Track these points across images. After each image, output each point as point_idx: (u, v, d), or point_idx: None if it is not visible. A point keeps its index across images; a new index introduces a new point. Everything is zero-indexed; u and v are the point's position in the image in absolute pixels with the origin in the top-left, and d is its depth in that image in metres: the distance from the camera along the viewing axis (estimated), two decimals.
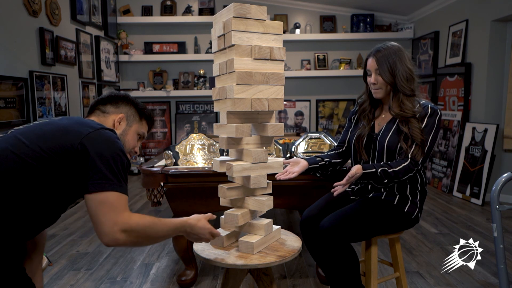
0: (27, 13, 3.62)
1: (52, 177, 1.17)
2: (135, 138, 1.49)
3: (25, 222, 1.18)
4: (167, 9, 5.87)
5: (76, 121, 1.29)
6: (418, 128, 1.75)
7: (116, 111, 1.46)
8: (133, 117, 1.49)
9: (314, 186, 2.24)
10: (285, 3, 5.90)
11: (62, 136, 1.20)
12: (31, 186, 1.15)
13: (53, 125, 1.26)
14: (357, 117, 1.99)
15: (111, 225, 1.12)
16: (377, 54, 1.81)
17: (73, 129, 1.23)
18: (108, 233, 1.12)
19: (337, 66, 5.90)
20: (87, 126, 1.25)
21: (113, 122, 1.44)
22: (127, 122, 1.47)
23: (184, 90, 5.88)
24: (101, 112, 1.45)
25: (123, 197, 1.17)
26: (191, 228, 1.35)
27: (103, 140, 1.21)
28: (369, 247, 1.84)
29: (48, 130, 1.23)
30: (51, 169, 1.17)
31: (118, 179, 1.18)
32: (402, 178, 1.75)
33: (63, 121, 1.28)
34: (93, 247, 3.00)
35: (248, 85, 1.40)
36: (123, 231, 1.14)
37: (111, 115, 1.45)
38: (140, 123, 1.52)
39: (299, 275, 2.50)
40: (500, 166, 4.20)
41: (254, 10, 1.40)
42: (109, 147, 1.20)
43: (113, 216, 1.13)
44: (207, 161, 2.36)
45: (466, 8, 4.58)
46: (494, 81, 4.26)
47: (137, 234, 1.17)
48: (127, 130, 1.46)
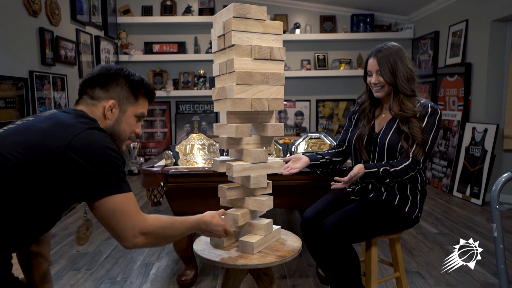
0: (27, 13, 3.62)
1: (36, 186, 1.09)
2: (133, 121, 1.33)
3: (15, 232, 1.12)
4: (167, 9, 5.87)
5: (58, 121, 1.16)
6: (418, 128, 1.75)
7: (106, 97, 1.27)
8: (127, 100, 1.30)
9: (314, 186, 2.24)
10: (285, 3, 5.90)
11: (42, 143, 1.09)
12: (16, 196, 1.07)
13: (33, 130, 1.13)
14: (357, 116, 1.99)
15: (129, 230, 1.10)
16: (378, 54, 1.80)
17: (54, 135, 1.11)
18: (127, 238, 1.11)
19: (337, 66, 5.90)
20: (69, 128, 1.12)
21: (103, 111, 1.27)
22: (119, 108, 1.29)
23: (184, 90, 5.88)
24: (90, 98, 1.28)
25: (130, 197, 1.14)
26: (206, 225, 1.35)
27: (89, 143, 1.10)
28: (369, 247, 1.84)
29: (28, 137, 1.11)
30: (34, 178, 1.08)
31: (117, 179, 1.12)
32: (403, 178, 1.75)
33: (43, 125, 1.15)
34: (93, 247, 3.00)
35: (248, 85, 1.40)
36: (141, 234, 1.12)
37: (101, 102, 1.27)
38: (137, 104, 1.32)
39: (299, 275, 2.50)
40: (500, 166, 4.20)
41: (254, 10, 1.40)
42: (96, 150, 1.10)
43: (128, 221, 1.10)
44: (207, 161, 2.35)
45: (466, 8, 4.58)
46: (494, 81, 4.26)
47: (156, 235, 1.16)
48: (121, 117, 1.29)
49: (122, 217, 1.10)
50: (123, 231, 1.10)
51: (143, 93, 1.33)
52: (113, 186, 1.11)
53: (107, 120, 1.28)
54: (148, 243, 1.15)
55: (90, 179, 1.09)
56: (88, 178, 1.09)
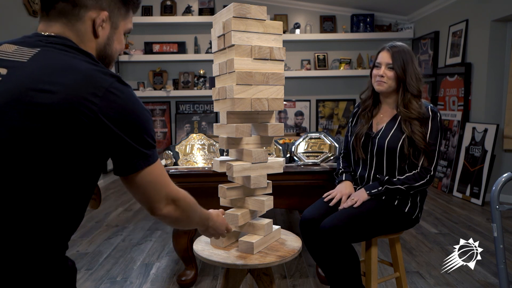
0: (27, 13, 3.62)
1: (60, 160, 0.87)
2: (122, 39, 1.07)
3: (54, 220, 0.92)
4: (167, 9, 5.87)
5: (67, 67, 0.87)
6: (420, 132, 1.77)
7: (94, 5, 0.95)
8: (118, 11, 1.01)
9: (314, 186, 2.24)
10: (285, 3, 5.90)
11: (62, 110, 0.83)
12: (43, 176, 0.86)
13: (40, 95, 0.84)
14: (358, 114, 2.00)
15: (163, 198, 1.03)
16: (393, 48, 1.84)
17: (76, 94, 0.84)
18: (159, 207, 1.03)
19: (337, 66, 5.90)
20: (91, 82, 0.86)
21: (92, 25, 0.97)
22: (111, 23, 1.00)
23: (184, 90, 5.88)
24: (71, 6, 0.94)
25: (161, 164, 1.02)
26: (212, 222, 1.35)
27: (126, 107, 0.89)
28: (369, 247, 1.84)
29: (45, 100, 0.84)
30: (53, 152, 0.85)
31: (154, 147, 0.98)
32: (418, 188, 1.81)
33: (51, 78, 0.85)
34: (93, 247, 3.00)
35: (248, 85, 1.40)
36: (173, 201, 1.05)
37: (88, 13, 0.95)
38: (127, 17, 1.05)
39: (299, 275, 2.50)
40: (500, 166, 4.20)
41: (254, 10, 1.40)
42: (135, 116, 0.91)
43: (163, 189, 1.02)
44: (207, 161, 2.36)
45: (466, 8, 4.58)
46: (494, 81, 4.26)
47: (183, 208, 1.09)
48: (112, 35, 1.02)
49: (159, 186, 1.01)
50: (157, 199, 1.02)
51: (133, 3, 1.06)
52: (152, 157, 0.97)
53: (97, 38, 0.99)
54: (174, 216, 1.07)
55: (128, 151, 0.92)
56: (126, 150, 0.91)
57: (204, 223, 1.30)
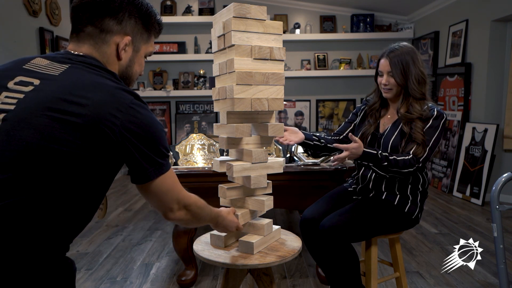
0: (27, 13, 3.62)
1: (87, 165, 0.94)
2: (143, 62, 1.15)
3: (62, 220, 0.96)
4: (167, 9, 5.87)
5: (95, 85, 0.95)
6: (420, 128, 1.76)
7: (119, 30, 1.04)
8: (140, 36, 1.09)
9: (314, 186, 2.24)
10: (285, 3, 5.90)
11: (94, 133, 0.90)
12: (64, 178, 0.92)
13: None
14: (365, 114, 1.99)
15: (175, 204, 1.12)
16: (391, 54, 1.81)
17: (105, 112, 0.91)
18: (172, 211, 1.13)
19: (337, 66, 5.90)
20: (115, 100, 0.93)
21: (115, 49, 1.05)
22: (133, 46, 1.08)
23: (184, 90, 5.88)
24: (99, 31, 1.02)
25: (173, 172, 1.10)
26: (223, 219, 1.40)
27: (144, 121, 0.96)
28: (369, 247, 1.84)
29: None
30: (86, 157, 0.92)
31: (167, 156, 1.05)
32: (401, 170, 1.73)
33: (92, 97, 0.92)
34: (93, 247, 3.00)
35: (248, 85, 1.40)
36: (184, 207, 1.15)
37: (113, 38, 1.04)
38: (148, 41, 1.13)
39: (299, 275, 2.50)
40: (500, 166, 4.20)
41: (254, 10, 1.40)
42: (152, 129, 0.97)
43: (176, 195, 1.11)
44: (207, 161, 2.36)
45: (466, 8, 4.58)
46: (494, 81, 4.26)
47: (194, 212, 1.19)
48: (134, 58, 1.10)
49: (172, 193, 1.10)
50: (169, 205, 1.11)
51: (156, 28, 1.14)
52: (165, 165, 1.04)
53: (120, 60, 1.08)
54: (185, 219, 1.17)
55: (145, 161, 0.99)
56: (143, 160, 0.98)
57: (214, 220, 1.37)
